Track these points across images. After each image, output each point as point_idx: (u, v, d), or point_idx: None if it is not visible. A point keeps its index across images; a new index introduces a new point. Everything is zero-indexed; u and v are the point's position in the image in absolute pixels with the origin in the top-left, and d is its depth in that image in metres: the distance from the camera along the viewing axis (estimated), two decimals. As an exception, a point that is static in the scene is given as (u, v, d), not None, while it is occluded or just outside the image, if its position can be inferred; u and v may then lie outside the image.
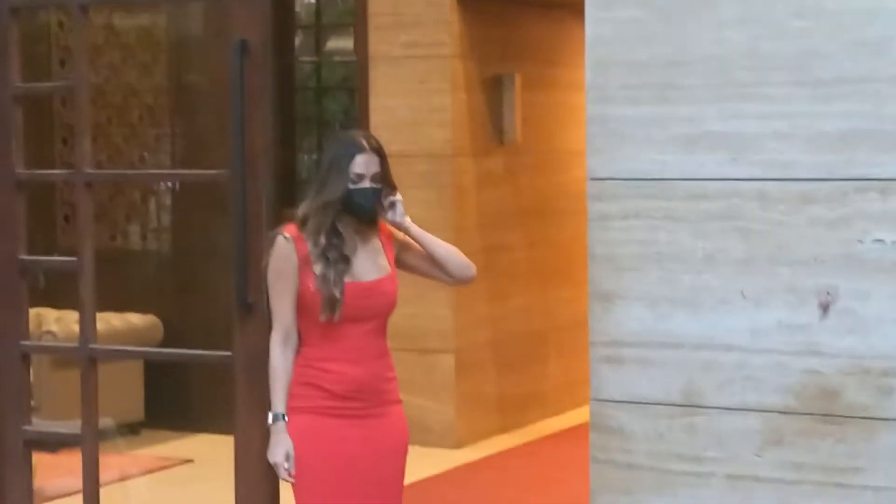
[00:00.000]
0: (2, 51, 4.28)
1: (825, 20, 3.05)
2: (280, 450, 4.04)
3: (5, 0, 4.25)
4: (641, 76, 3.23)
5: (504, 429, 8.71)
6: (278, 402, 4.06)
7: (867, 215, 3.02)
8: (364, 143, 4.13)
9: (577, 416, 8.74)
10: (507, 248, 8.87)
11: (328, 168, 4.11)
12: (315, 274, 4.04)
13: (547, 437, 8.64)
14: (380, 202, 4.14)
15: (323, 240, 4.05)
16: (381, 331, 4.19)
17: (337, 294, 4.03)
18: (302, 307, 4.07)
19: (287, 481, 4.07)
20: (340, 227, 4.09)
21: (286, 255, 4.03)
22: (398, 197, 4.19)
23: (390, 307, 4.19)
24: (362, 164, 4.09)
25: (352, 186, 4.07)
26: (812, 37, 3.07)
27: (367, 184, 4.08)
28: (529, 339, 9.03)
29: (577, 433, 8.29)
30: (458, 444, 8.36)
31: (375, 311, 4.14)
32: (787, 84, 3.10)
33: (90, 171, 4.25)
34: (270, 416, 4.07)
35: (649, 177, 3.21)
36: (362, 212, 4.11)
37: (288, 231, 4.08)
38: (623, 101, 3.24)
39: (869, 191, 3.02)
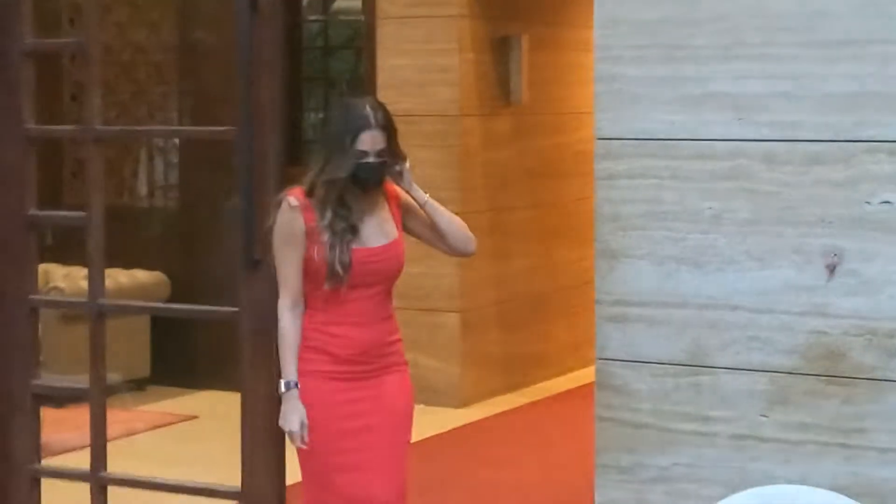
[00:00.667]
0: (13, 7, 4.28)
1: (835, -19, 3.05)
2: (295, 417, 4.05)
3: (14, -44, 4.24)
4: (649, 36, 3.22)
5: (509, 388, 8.73)
6: (290, 369, 4.08)
7: (875, 177, 3.02)
8: (371, 118, 4.11)
9: (582, 376, 8.76)
10: (513, 209, 8.87)
11: (333, 142, 4.12)
12: (322, 242, 4.06)
13: (551, 397, 8.66)
14: (384, 174, 4.15)
15: (329, 213, 4.07)
16: (388, 294, 4.21)
17: (340, 269, 4.04)
18: (308, 273, 4.09)
19: (301, 448, 4.10)
20: (348, 198, 4.10)
21: (292, 222, 4.04)
22: (406, 166, 4.19)
23: (397, 272, 4.21)
24: (368, 140, 4.09)
25: (356, 161, 4.08)
26: (821, -3, 3.07)
27: (371, 158, 4.09)
28: (534, 299, 9.04)
29: (581, 393, 8.31)
30: (463, 404, 8.38)
31: (383, 275, 4.16)
32: (795, 44, 3.09)
33: (100, 126, 4.25)
34: (282, 383, 4.08)
35: (656, 136, 3.22)
36: (367, 185, 4.13)
37: (295, 196, 4.07)
38: (631, 60, 3.24)
39: (877, 152, 3.02)
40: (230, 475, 4.19)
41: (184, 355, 8.86)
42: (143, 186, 9.33)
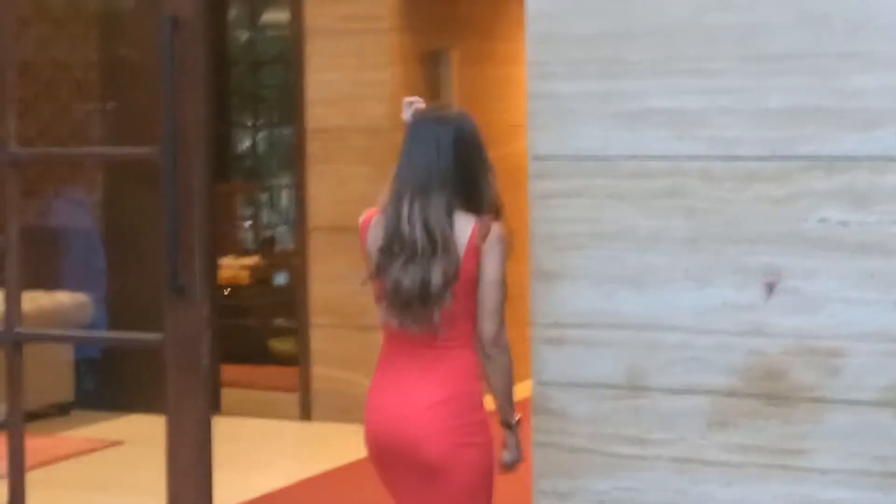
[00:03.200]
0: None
1: (771, -6, 3.00)
2: None
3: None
4: (584, 51, 3.16)
5: (442, 405, 8.65)
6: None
7: (813, 193, 2.97)
8: None
9: (514, 392, 8.69)
10: (445, 224, 8.79)
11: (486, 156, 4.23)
12: None
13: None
14: None
15: None
16: None
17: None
18: None
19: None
20: None
21: None
22: None
23: None
24: None
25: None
26: (757, 10, 3.02)
27: None
28: (468, 315, 8.97)
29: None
30: (397, 422, 8.29)
31: None
32: (732, 58, 3.04)
33: (16, 149, 4.12)
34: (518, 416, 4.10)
35: (592, 154, 3.15)
36: None
37: None
38: (565, 76, 3.17)
39: (815, 169, 2.97)
40: (157, 502, 4.09)
41: (108, 378, 8.71)
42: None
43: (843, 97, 2.94)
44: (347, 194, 8.41)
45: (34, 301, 7.92)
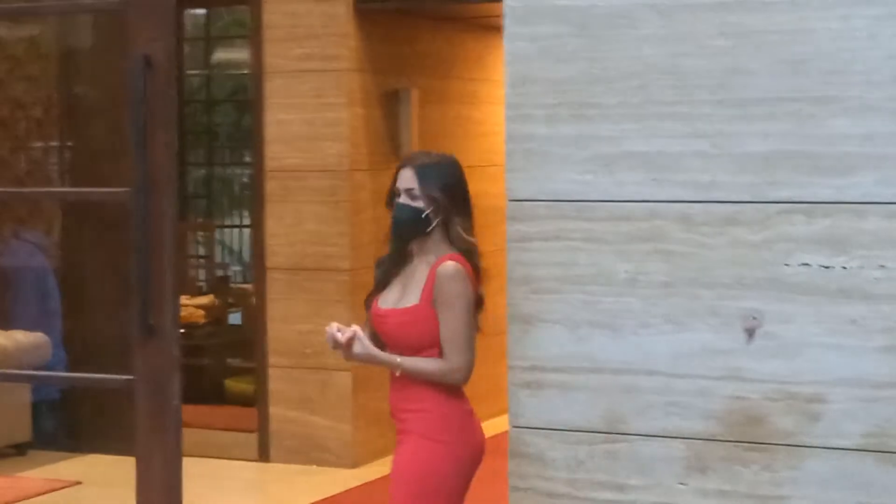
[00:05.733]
0: None
1: (748, 38, 3.01)
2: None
3: None
4: (560, 94, 3.15)
5: (401, 447, 8.60)
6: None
7: (792, 238, 2.97)
8: (410, 157, 4.51)
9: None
10: (404, 264, 8.77)
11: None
12: None
13: (444, 455, 8.54)
14: (411, 220, 4.38)
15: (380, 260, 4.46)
16: None
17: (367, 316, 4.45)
18: None
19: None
20: (411, 248, 4.39)
21: None
22: (357, 331, 4.39)
23: (393, 339, 4.41)
24: (400, 178, 4.42)
25: (396, 200, 4.37)
26: (734, 54, 3.02)
27: (402, 198, 4.26)
28: (426, 355, 8.94)
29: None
30: (355, 464, 8.25)
31: (386, 338, 4.43)
32: (709, 102, 3.04)
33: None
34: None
35: (569, 198, 3.14)
36: (396, 226, 4.35)
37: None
38: (541, 119, 3.16)
39: (794, 213, 2.97)
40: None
41: (65, 419, 8.61)
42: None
43: (822, 142, 2.94)
44: (305, 234, 8.38)
45: (-7, 340, 7.85)
